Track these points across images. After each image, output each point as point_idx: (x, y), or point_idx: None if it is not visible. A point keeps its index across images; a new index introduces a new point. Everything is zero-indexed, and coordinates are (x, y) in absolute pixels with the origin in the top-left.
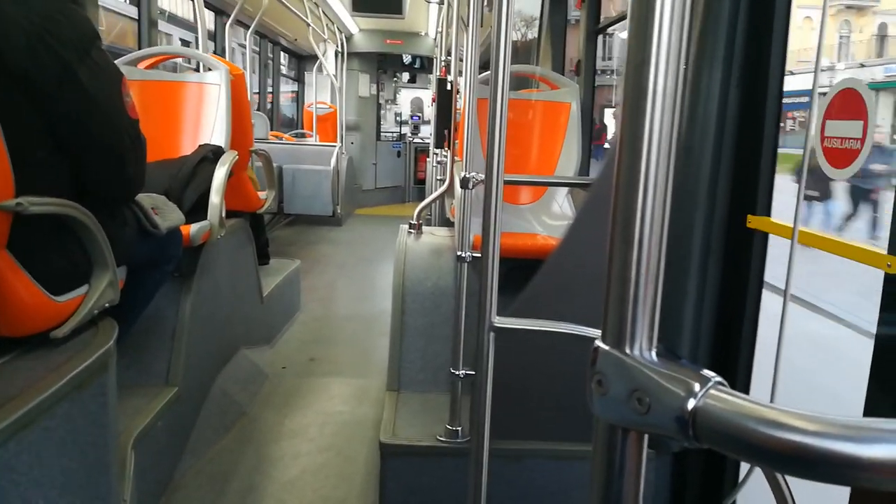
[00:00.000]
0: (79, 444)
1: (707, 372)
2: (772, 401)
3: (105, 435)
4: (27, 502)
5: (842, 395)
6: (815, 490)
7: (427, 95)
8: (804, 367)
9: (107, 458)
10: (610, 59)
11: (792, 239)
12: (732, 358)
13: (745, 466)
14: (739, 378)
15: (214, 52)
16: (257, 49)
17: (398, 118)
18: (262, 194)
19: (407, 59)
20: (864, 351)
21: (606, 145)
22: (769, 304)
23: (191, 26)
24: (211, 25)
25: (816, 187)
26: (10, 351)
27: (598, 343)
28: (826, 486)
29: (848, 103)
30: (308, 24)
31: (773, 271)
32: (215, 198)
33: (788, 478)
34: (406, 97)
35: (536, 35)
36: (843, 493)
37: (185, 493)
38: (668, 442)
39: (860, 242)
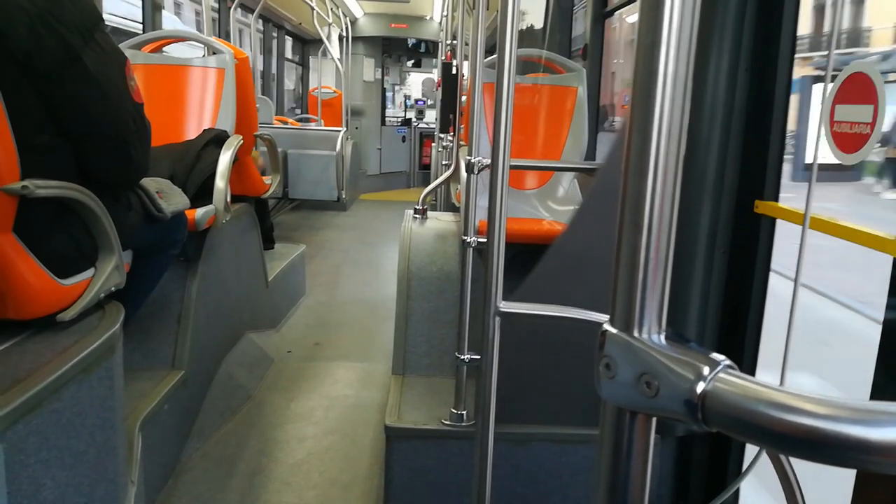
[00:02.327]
0: (86, 426)
1: (716, 355)
2: (781, 385)
3: (112, 418)
4: (36, 483)
5: None
6: (815, 478)
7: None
8: None
9: (114, 441)
10: None
11: (804, 224)
12: (738, 343)
13: (749, 453)
14: (745, 363)
15: (218, 36)
16: (261, 33)
17: (407, 102)
18: (266, 179)
19: (412, 42)
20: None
21: None
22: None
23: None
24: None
25: None
26: (18, 334)
27: (607, 327)
28: (832, 470)
29: (858, 87)
30: (312, 8)
31: None
32: (220, 182)
33: (794, 464)
34: (416, 80)
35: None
36: (848, 477)
37: (192, 475)
38: (674, 426)
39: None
